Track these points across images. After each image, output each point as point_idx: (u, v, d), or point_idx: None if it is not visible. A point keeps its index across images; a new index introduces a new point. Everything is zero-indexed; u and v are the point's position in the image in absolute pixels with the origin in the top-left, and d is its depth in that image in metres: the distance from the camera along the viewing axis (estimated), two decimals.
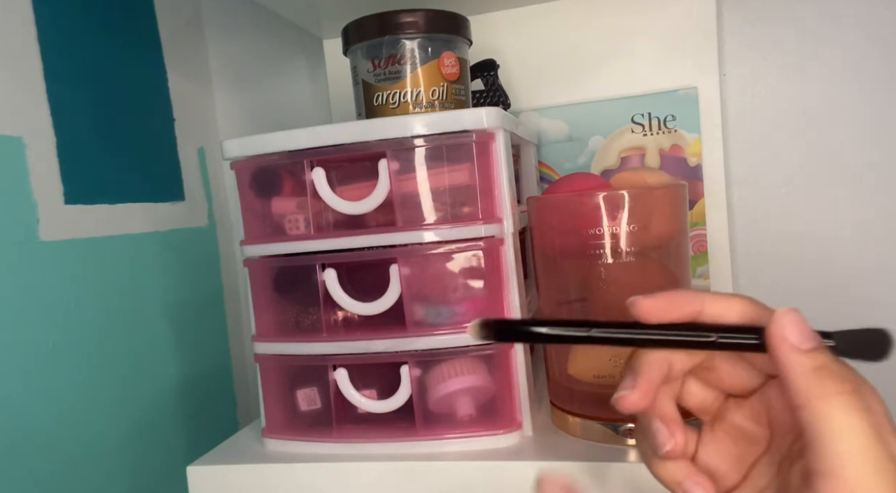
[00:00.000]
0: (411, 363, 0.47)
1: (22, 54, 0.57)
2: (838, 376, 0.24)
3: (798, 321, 0.26)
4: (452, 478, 0.45)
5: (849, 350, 0.26)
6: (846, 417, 0.23)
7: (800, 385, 0.25)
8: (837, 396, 0.24)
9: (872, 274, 0.67)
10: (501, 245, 0.47)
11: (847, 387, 0.24)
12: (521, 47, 0.70)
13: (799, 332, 0.25)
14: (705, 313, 0.28)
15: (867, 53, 0.65)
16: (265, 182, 0.50)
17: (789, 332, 0.25)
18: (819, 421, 0.24)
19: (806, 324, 0.26)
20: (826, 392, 0.24)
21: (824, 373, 0.25)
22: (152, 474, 0.67)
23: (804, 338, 0.25)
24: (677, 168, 0.67)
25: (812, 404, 0.24)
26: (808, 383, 0.24)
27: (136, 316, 0.67)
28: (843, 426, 0.23)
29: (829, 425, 0.24)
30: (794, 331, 0.25)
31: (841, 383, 0.24)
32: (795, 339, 0.25)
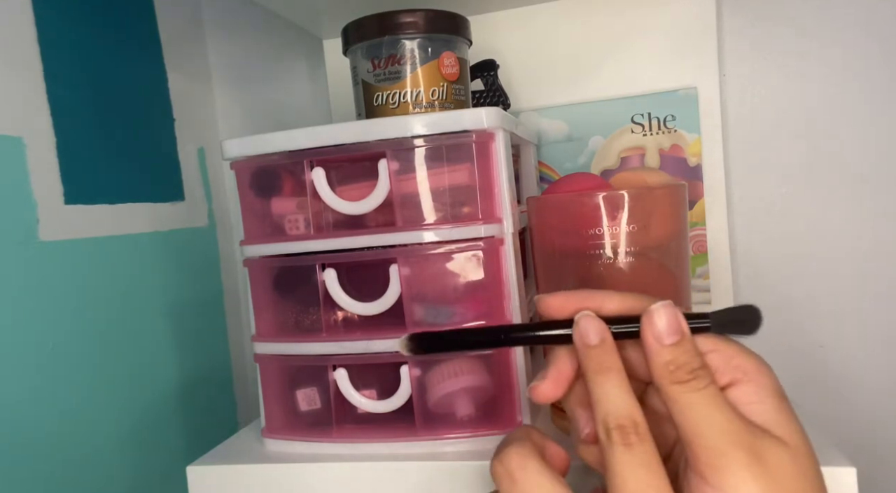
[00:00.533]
0: (411, 363, 0.47)
1: (22, 54, 0.57)
2: (686, 367, 0.28)
3: (665, 316, 0.29)
4: (452, 478, 0.45)
5: (723, 327, 0.29)
6: (688, 395, 0.27)
7: (656, 372, 0.28)
8: (683, 383, 0.28)
9: (872, 274, 0.67)
10: (501, 245, 0.47)
11: (691, 376, 0.28)
12: (521, 47, 0.70)
13: (665, 325, 0.28)
14: (605, 308, 0.31)
15: (867, 53, 0.66)
16: (265, 182, 0.50)
17: (656, 325, 0.28)
18: (667, 400, 0.28)
19: (671, 319, 0.28)
20: (674, 380, 0.28)
21: (673, 365, 0.28)
22: (152, 474, 0.67)
23: (668, 333, 0.28)
24: (677, 168, 0.67)
25: (664, 388, 0.28)
26: (661, 371, 0.28)
27: (136, 316, 0.67)
28: (688, 402, 0.27)
29: (675, 402, 0.28)
30: (660, 324, 0.28)
31: (687, 373, 0.28)
32: (659, 333, 0.28)
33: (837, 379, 0.68)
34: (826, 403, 0.68)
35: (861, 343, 0.68)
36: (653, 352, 0.28)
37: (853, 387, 0.68)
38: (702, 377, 0.27)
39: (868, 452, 0.68)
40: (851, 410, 0.68)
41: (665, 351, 0.28)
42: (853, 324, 0.68)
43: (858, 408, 0.68)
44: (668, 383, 0.28)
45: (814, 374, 0.69)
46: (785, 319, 0.69)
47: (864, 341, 0.68)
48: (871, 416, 0.68)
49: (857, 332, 0.68)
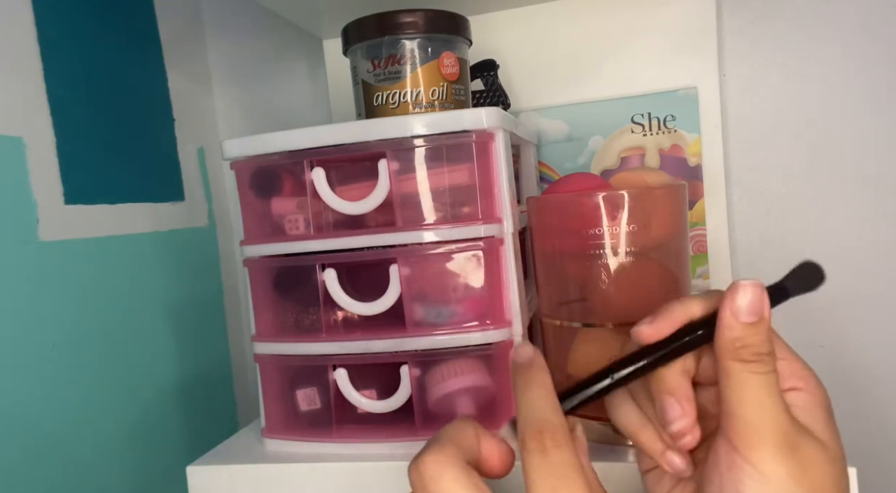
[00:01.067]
0: (411, 363, 0.47)
1: (22, 54, 0.57)
2: (753, 348, 0.28)
3: (749, 294, 0.28)
4: None
5: (798, 288, 0.31)
6: (747, 374, 0.28)
7: (722, 345, 0.28)
8: (745, 362, 0.28)
9: (873, 274, 0.67)
10: (501, 245, 0.47)
11: (755, 359, 0.28)
12: (521, 47, 0.70)
13: (747, 303, 0.28)
14: (694, 315, 0.31)
15: (867, 53, 0.65)
16: (265, 182, 0.50)
17: (738, 301, 0.28)
18: (723, 373, 0.28)
19: (755, 299, 0.28)
20: (737, 357, 0.28)
21: (741, 343, 0.28)
22: (152, 474, 0.67)
23: (747, 311, 0.28)
24: (677, 168, 0.67)
25: (724, 361, 0.28)
26: (728, 345, 0.28)
27: (136, 316, 0.67)
28: (744, 380, 0.28)
29: (731, 377, 0.28)
30: (742, 301, 0.28)
31: (753, 354, 0.28)
32: (738, 308, 0.28)
33: (837, 379, 0.68)
34: None
35: (861, 343, 0.68)
36: (725, 325, 0.28)
37: (853, 387, 0.68)
38: (766, 362, 0.28)
39: (868, 452, 0.68)
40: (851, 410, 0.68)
41: (738, 327, 0.28)
42: (853, 324, 0.68)
43: (858, 408, 0.68)
44: (729, 358, 0.28)
45: None
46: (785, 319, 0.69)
47: (864, 341, 0.68)
48: (871, 416, 0.68)
49: (857, 332, 0.68)
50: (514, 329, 0.47)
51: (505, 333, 0.47)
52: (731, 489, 0.27)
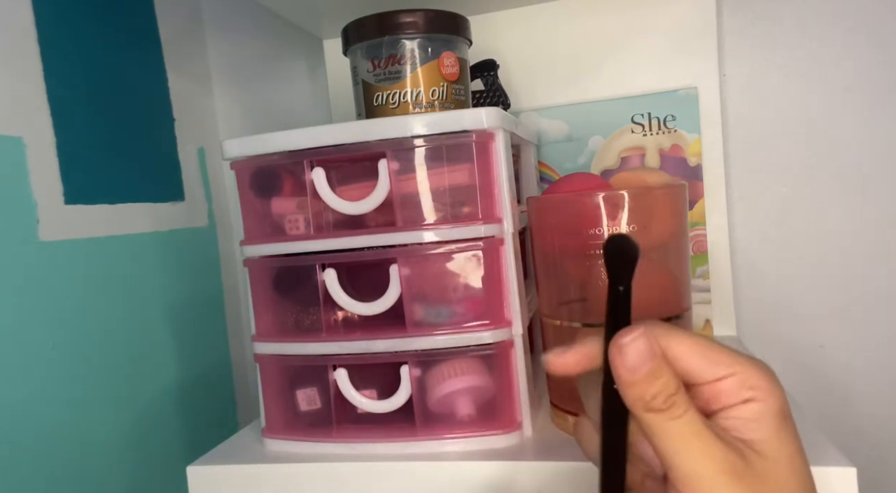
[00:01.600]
0: (411, 363, 0.47)
1: (22, 54, 0.57)
2: (662, 395, 0.27)
3: (634, 349, 0.27)
4: (452, 478, 0.45)
5: (626, 275, 0.28)
6: (666, 423, 0.27)
7: (631, 403, 0.27)
8: (660, 412, 0.27)
9: (873, 274, 0.67)
10: (501, 245, 0.47)
11: (668, 404, 0.27)
12: (521, 47, 0.70)
13: (636, 357, 0.27)
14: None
15: (867, 53, 0.66)
16: (265, 182, 0.50)
17: (628, 358, 0.27)
18: (645, 428, 0.27)
19: (644, 349, 0.27)
20: (649, 408, 0.27)
21: (650, 396, 0.27)
22: (152, 474, 0.67)
23: (640, 363, 0.27)
24: (677, 168, 0.67)
25: (640, 416, 0.27)
26: (637, 402, 0.27)
27: (136, 316, 0.67)
28: (666, 430, 0.27)
29: (653, 431, 0.27)
30: (632, 357, 0.27)
31: (664, 401, 0.27)
32: (633, 365, 0.27)
33: (837, 379, 0.68)
34: (826, 403, 0.68)
35: (861, 343, 0.68)
36: (625, 385, 0.27)
37: (853, 387, 0.68)
38: (679, 403, 0.27)
39: (868, 452, 0.68)
40: (851, 410, 0.68)
41: (638, 383, 0.27)
42: (853, 324, 0.68)
43: (858, 408, 0.68)
44: (643, 412, 0.27)
45: (814, 374, 0.69)
46: (785, 319, 0.69)
47: (865, 342, 0.68)
48: (871, 416, 0.68)
49: (857, 332, 0.68)
50: (514, 329, 0.47)
51: (505, 333, 0.47)
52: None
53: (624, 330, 0.27)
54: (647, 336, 0.27)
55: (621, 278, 0.28)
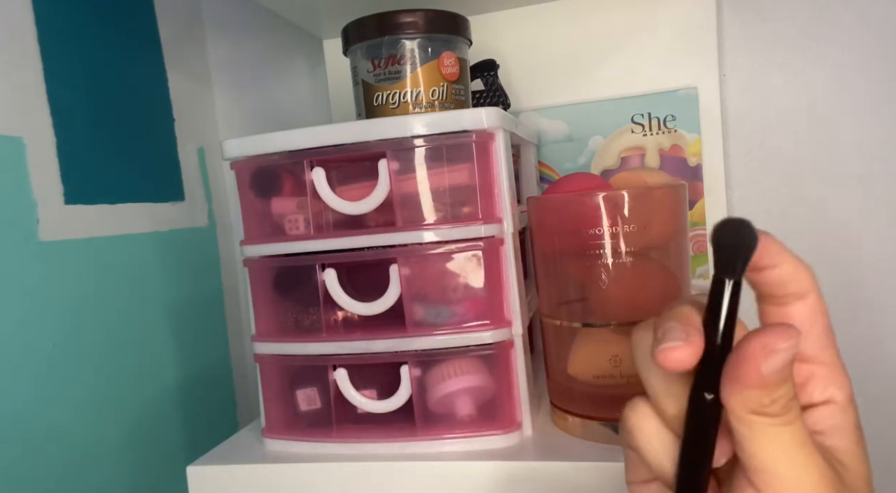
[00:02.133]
0: (411, 363, 0.47)
1: (22, 54, 0.57)
2: (782, 400, 0.24)
3: (778, 360, 0.24)
4: (452, 478, 0.45)
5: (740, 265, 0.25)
6: (773, 428, 0.24)
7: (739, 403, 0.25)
8: (771, 416, 0.24)
9: (872, 274, 0.67)
10: (501, 245, 0.47)
11: (784, 410, 0.24)
12: (521, 47, 0.70)
13: (779, 367, 0.24)
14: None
15: (867, 53, 0.65)
16: (265, 182, 0.50)
17: (770, 366, 0.24)
18: (742, 426, 0.24)
19: (786, 359, 0.24)
20: (760, 411, 0.24)
21: (769, 399, 0.24)
22: (152, 474, 0.67)
23: (780, 372, 0.24)
24: (677, 168, 0.67)
25: (743, 415, 0.24)
26: (749, 403, 0.24)
27: (136, 316, 0.67)
28: (771, 436, 0.24)
29: (753, 432, 0.24)
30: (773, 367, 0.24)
31: (782, 406, 0.24)
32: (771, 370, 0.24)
33: None
34: None
35: (861, 343, 0.68)
36: (751, 384, 0.23)
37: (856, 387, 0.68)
38: (793, 409, 0.24)
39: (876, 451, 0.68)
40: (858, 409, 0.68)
41: (768, 388, 0.23)
42: (853, 323, 0.68)
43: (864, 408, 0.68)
44: (752, 413, 0.24)
45: None
46: None
47: (865, 342, 0.68)
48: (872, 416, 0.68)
49: (857, 332, 0.68)
50: (514, 329, 0.47)
51: (505, 333, 0.47)
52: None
53: (781, 330, 0.24)
54: (799, 342, 0.24)
55: (733, 270, 0.24)
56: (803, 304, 0.26)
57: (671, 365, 0.24)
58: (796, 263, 0.26)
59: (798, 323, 0.26)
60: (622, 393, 0.45)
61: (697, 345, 0.24)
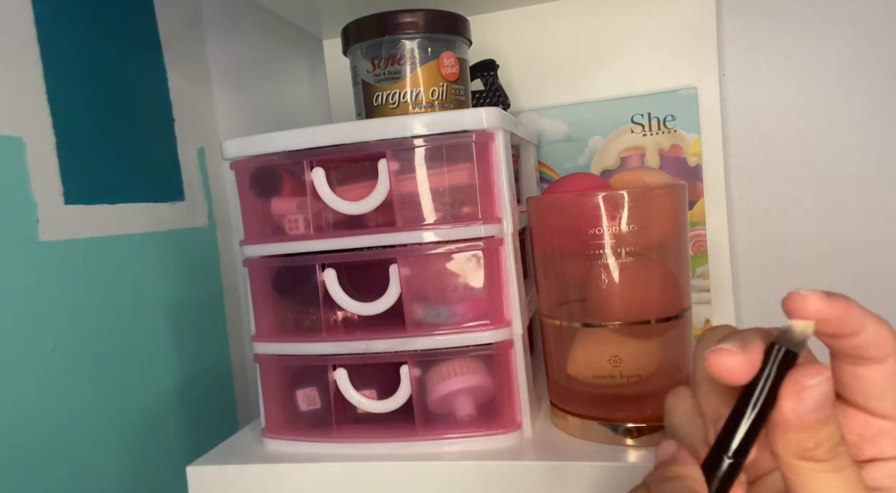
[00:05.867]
0: (411, 363, 0.47)
1: (22, 54, 0.57)
2: (827, 444, 0.24)
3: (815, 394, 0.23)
4: (452, 478, 0.45)
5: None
6: (823, 475, 0.24)
7: (785, 446, 0.24)
8: (819, 462, 0.24)
9: (872, 274, 0.67)
10: (501, 245, 0.47)
11: (830, 455, 0.24)
12: (521, 47, 0.70)
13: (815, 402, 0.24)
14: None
15: (867, 53, 0.65)
16: (265, 182, 0.50)
17: (806, 402, 0.24)
18: (791, 473, 0.24)
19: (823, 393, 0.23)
20: (807, 457, 0.24)
21: (813, 442, 0.24)
22: (152, 474, 0.67)
23: (817, 410, 0.24)
24: (677, 168, 0.67)
25: (790, 461, 0.24)
26: (793, 447, 0.24)
27: (136, 316, 0.67)
28: (821, 482, 0.24)
29: (802, 479, 0.24)
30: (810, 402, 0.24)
31: (827, 451, 0.24)
32: (807, 410, 0.24)
33: None
34: None
35: None
36: (790, 426, 0.23)
37: None
38: (842, 455, 0.23)
39: None
40: None
41: (808, 429, 0.23)
42: None
43: None
44: (797, 458, 0.23)
45: None
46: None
47: None
48: None
49: None
50: (514, 329, 0.47)
51: (505, 333, 0.47)
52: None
53: (809, 368, 0.23)
54: (831, 380, 0.23)
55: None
56: (881, 368, 0.25)
57: (719, 369, 0.24)
58: (878, 326, 0.25)
59: (875, 386, 0.25)
60: (622, 393, 0.45)
61: (754, 360, 0.24)
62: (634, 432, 0.44)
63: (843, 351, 0.25)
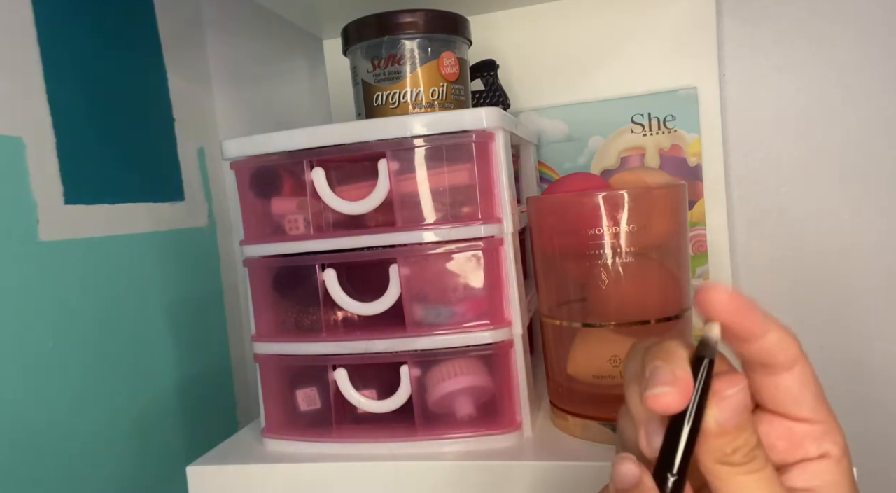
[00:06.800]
0: (411, 363, 0.47)
1: (22, 54, 0.57)
2: (744, 448, 0.25)
3: (731, 405, 0.25)
4: (452, 478, 0.45)
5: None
6: (741, 477, 0.25)
7: (706, 453, 0.26)
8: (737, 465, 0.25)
9: (872, 274, 0.67)
10: (501, 245, 0.47)
11: (748, 459, 0.25)
12: (521, 47, 0.70)
13: (732, 413, 0.25)
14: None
15: (867, 53, 0.66)
16: (265, 182, 0.50)
17: (726, 411, 0.25)
18: (714, 478, 0.25)
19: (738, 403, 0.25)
20: (726, 461, 0.25)
21: (731, 448, 0.25)
22: (152, 474, 0.67)
23: (734, 418, 0.25)
24: (677, 168, 0.67)
25: (710, 466, 0.25)
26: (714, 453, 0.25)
27: (136, 316, 0.67)
28: (739, 485, 0.25)
29: (723, 483, 0.25)
30: (728, 410, 0.25)
31: (744, 455, 0.25)
32: (726, 419, 0.25)
33: (838, 379, 0.68)
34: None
35: (861, 344, 0.68)
36: (711, 435, 0.25)
37: (853, 387, 0.68)
38: (759, 458, 0.25)
39: (869, 452, 0.68)
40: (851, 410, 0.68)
41: (726, 436, 0.25)
42: (853, 324, 0.68)
43: (858, 408, 0.68)
44: (718, 463, 0.25)
45: None
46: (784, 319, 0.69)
47: (865, 342, 0.68)
48: (872, 416, 0.68)
49: (857, 332, 0.68)
50: (514, 329, 0.47)
51: (505, 333, 0.47)
52: None
53: (727, 379, 0.25)
54: (747, 389, 0.25)
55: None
56: (790, 374, 0.26)
57: (661, 410, 0.25)
58: (781, 332, 0.26)
59: (788, 391, 0.26)
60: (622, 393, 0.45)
61: (686, 388, 0.25)
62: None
63: (754, 359, 0.26)
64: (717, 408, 0.25)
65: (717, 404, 0.25)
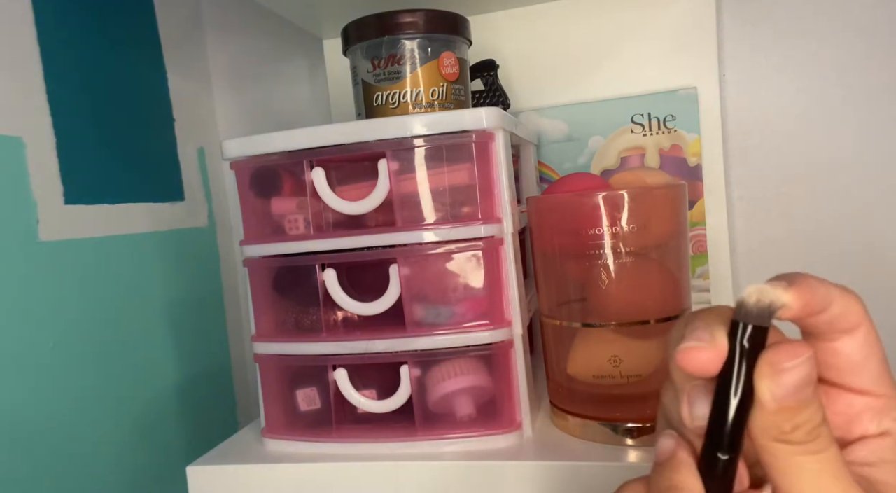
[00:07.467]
0: (411, 363, 0.47)
1: (22, 54, 0.57)
2: (807, 425, 0.23)
3: (793, 377, 0.22)
4: (452, 478, 0.45)
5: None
6: (801, 458, 0.23)
7: (763, 429, 0.23)
8: (797, 444, 0.23)
9: (872, 274, 0.67)
10: (501, 245, 0.47)
11: (810, 438, 0.23)
12: (521, 47, 0.70)
13: (794, 386, 0.22)
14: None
15: (867, 53, 0.65)
16: (265, 182, 0.50)
17: (785, 384, 0.22)
18: (769, 457, 0.23)
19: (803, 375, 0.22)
20: (786, 439, 0.23)
21: (791, 425, 0.23)
22: (152, 474, 0.67)
23: (797, 392, 0.22)
24: (677, 168, 0.67)
25: (768, 444, 0.23)
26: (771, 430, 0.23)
27: (136, 316, 0.67)
28: (799, 466, 0.23)
29: (781, 462, 0.23)
30: (789, 382, 0.22)
31: (806, 433, 0.23)
32: (785, 393, 0.22)
33: None
34: None
35: None
36: (767, 411, 0.22)
37: None
38: (823, 437, 0.22)
39: None
40: None
41: (785, 412, 0.22)
42: None
43: None
44: (775, 441, 0.22)
45: None
46: None
47: None
48: None
49: None
50: (514, 329, 0.47)
51: (505, 333, 0.47)
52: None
53: (787, 348, 0.22)
54: (813, 360, 0.22)
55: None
56: (852, 338, 0.24)
57: (692, 367, 0.23)
58: (845, 298, 0.24)
59: (849, 359, 0.24)
60: (622, 393, 0.45)
61: (720, 348, 0.23)
62: (634, 432, 0.44)
63: (816, 329, 0.24)
64: (773, 381, 0.22)
65: (773, 377, 0.22)
